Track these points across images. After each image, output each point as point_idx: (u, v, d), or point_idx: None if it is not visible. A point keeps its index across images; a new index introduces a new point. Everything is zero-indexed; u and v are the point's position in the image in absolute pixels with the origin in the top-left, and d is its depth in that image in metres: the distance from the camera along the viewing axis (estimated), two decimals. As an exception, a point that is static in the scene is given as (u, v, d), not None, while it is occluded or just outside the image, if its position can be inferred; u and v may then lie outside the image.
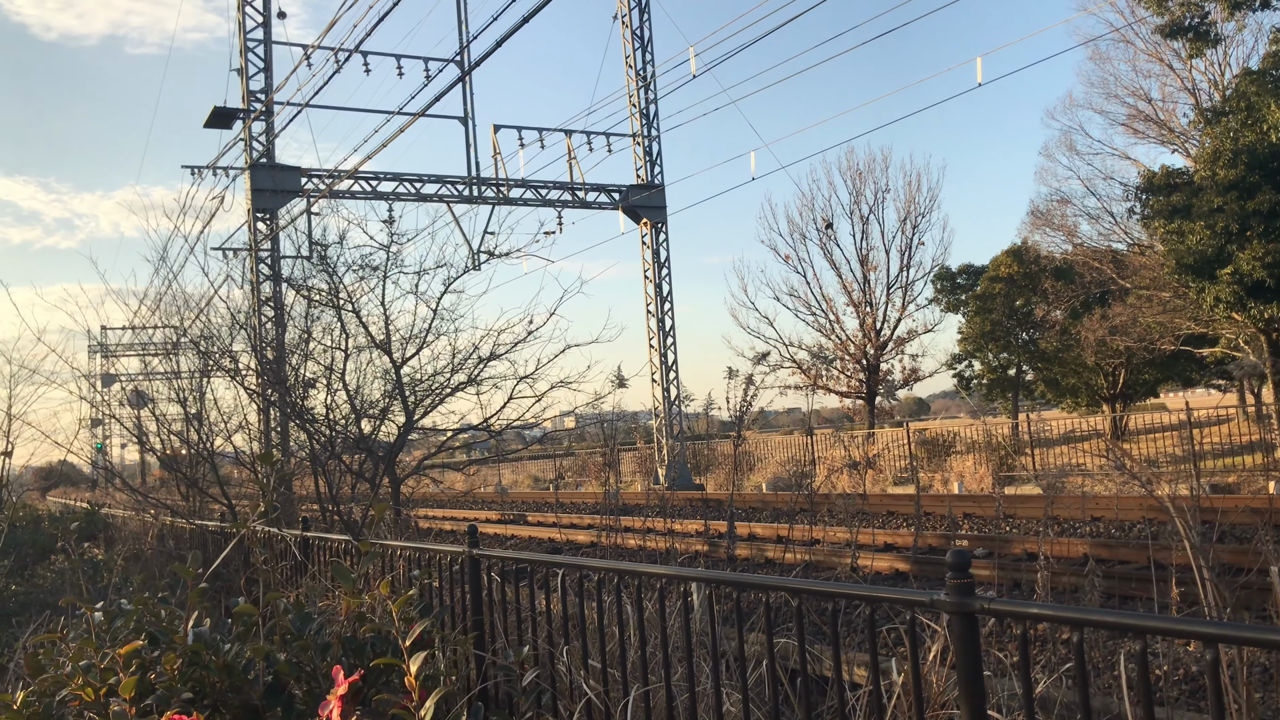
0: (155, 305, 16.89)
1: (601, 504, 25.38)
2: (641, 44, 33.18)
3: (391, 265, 11.95)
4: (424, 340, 11.99)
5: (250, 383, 12.92)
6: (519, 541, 20.05)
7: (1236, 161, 24.22)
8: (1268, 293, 24.11)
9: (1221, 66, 37.30)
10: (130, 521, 15.37)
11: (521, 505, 30.33)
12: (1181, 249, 25.22)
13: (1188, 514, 4.61)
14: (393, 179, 29.71)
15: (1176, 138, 38.33)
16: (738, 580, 4.00)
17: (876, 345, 38.44)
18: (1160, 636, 5.90)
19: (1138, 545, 11.78)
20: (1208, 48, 31.72)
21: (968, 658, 2.87)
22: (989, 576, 10.41)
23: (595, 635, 4.70)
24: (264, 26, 28.03)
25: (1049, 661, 7.16)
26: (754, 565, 13.57)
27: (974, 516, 17.85)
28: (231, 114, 27.69)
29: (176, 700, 2.31)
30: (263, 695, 2.35)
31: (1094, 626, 2.82)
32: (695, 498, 26.29)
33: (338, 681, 2.09)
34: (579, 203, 32.11)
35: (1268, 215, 23.62)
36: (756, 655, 5.22)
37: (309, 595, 4.69)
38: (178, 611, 2.68)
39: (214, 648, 2.40)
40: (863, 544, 14.11)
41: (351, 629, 2.73)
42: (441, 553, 5.72)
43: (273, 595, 2.66)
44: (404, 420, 11.57)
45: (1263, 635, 2.23)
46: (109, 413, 18.95)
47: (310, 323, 12.03)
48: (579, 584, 4.69)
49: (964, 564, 2.90)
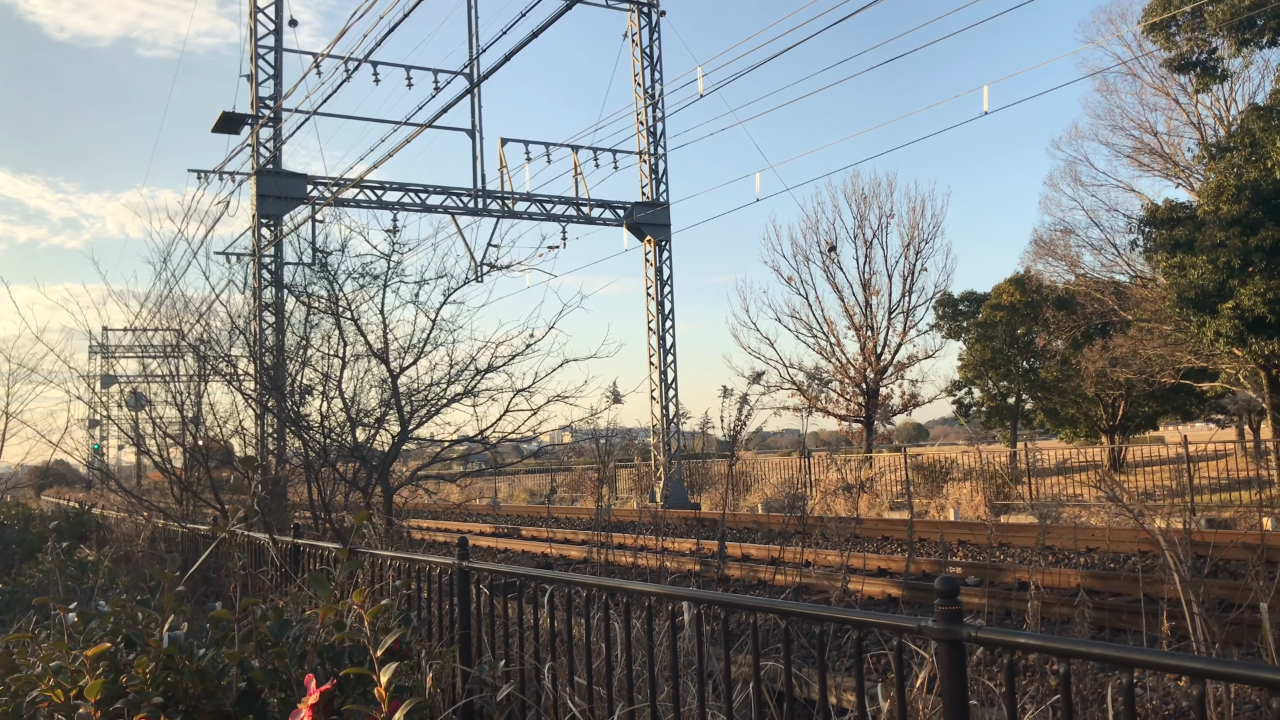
0: (156, 308, 16.91)
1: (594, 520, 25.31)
2: (650, 63, 33.31)
3: (392, 274, 11.97)
4: (422, 350, 11.99)
5: (248, 388, 12.91)
6: (511, 555, 19.99)
7: (1240, 197, 24.27)
8: (1268, 328, 24.11)
9: (1227, 102, 37.43)
10: (123, 523, 15.32)
11: (516, 519, 30.24)
12: (1183, 283, 25.24)
13: (1179, 548, 4.59)
14: (398, 189, 29.78)
15: (1181, 172, 38.43)
16: (725, 600, 3.97)
17: (876, 369, 38.44)
18: (1148, 670, 5.87)
19: (1130, 578, 11.72)
20: (1214, 83, 31.88)
21: (954, 685, 2.85)
22: (980, 604, 10.35)
23: (582, 652, 4.67)
24: (275, 34, 28.16)
25: (1037, 692, 7.11)
26: (746, 586, 13.51)
27: (968, 544, 17.80)
28: (240, 119, 27.77)
29: (146, 705, 2.28)
30: (235, 702, 2.33)
31: (1081, 658, 2.80)
32: (690, 516, 26.21)
33: (309, 690, 2.07)
34: (583, 218, 32.16)
35: (1270, 251, 23.65)
36: (744, 676, 5.19)
37: (294, 602, 4.66)
38: (155, 615, 2.66)
39: (188, 652, 2.37)
40: (856, 568, 14.06)
41: (330, 637, 2.71)
42: (432, 564, 5.70)
43: (250, 601, 2.63)
44: (399, 430, 11.55)
45: (1249, 672, 2.21)
46: (106, 414, 18.92)
47: (309, 329, 12.03)
48: (567, 600, 4.66)
49: (952, 591, 2.87)
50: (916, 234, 38.89)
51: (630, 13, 33.45)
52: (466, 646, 5.29)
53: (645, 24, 33.37)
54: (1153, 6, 28.78)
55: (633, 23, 33.49)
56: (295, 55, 35.41)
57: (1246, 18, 26.29)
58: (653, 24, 33.41)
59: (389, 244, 12.13)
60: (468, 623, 5.30)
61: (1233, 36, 27.51)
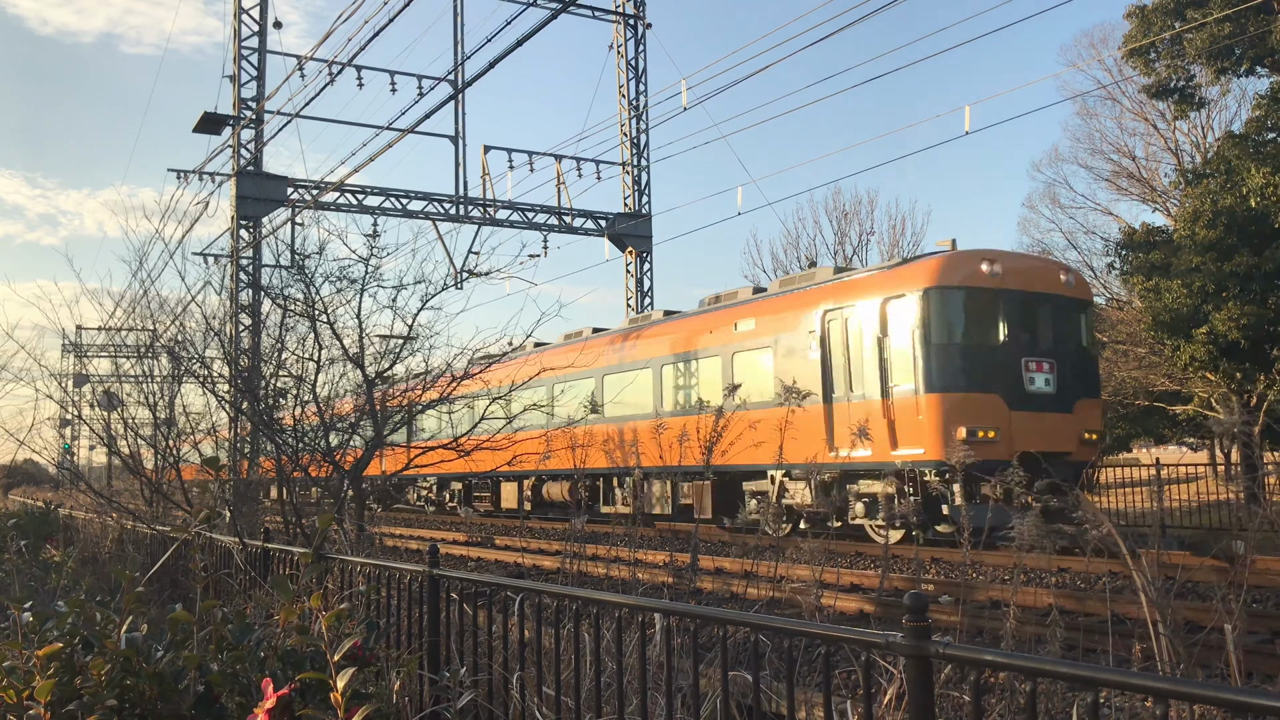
0: (131, 308, 16.77)
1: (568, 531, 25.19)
2: (635, 75, 33.40)
3: (370, 279, 11.91)
4: (398, 355, 11.93)
5: (222, 390, 12.81)
6: (484, 564, 19.89)
7: (1215, 223, 24.55)
8: (1241, 354, 24.37)
9: (1205, 129, 37.93)
10: (90, 524, 15.14)
11: (490, 528, 30.08)
12: (1158, 306, 25.48)
13: (1146, 568, 4.62)
14: (379, 193, 29.68)
15: (1158, 196, 38.86)
16: (695, 613, 3.96)
17: (854, 386, 38.58)
18: (1114, 690, 5.89)
19: (1102, 598, 11.78)
20: (1191, 110, 32.27)
21: (920, 702, 2.85)
22: (954, 622, 10.36)
23: (551, 662, 4.64)
24: (259, 35, 28.05)
25: (1006, 710, 7.12)
26: (719, 599, 13.48)
27: (942, 561, 17.85)
28: (221, 120, 27.62)
29: (100, 707, 2.24)
30: (192, 705, 2.29)
31: (1047, 676, 2.81)
32: (664, 529, 26.16)
33: (266, 694, 2.04)
34: (565, 228, 32.17)
35: (1244, 277, 23.92)
36: (715, 690, 5.17)
37: (260, 606, 4.62)
38: (113, 616, 2.61)
39: (145, 654, 2.33)
40: (830, 584, 14.06)
41: (290, 642, 2.68)
42: (402, 571, 5.65)
43: (210, 603, 2.60)
44: (373, 435, 11.48)
45: (1212, 693, 2.22)
46: (77, 414, 18.73)
47: (284, 333, 11.96)
48: (537, 610, 4.63)
49: (921, 607, 2.88)
50: (897, 252, 39.14)
51: (616, 24, 33.55)
52: (435, 655, 5.25)
53: (631, 36, 33.48)
54: (1133, 32, 29.12)
55: (618, 34, 33.58)
56: (279, 57, 35.27)
57: (1224, 46, 26.64)
58: (638, 36, 33.52)
59: (368, 248, 12.09)
60: (436, 630, 5.26)
61: (1211, 65, 27.87)
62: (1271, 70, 27.34)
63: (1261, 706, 2.09)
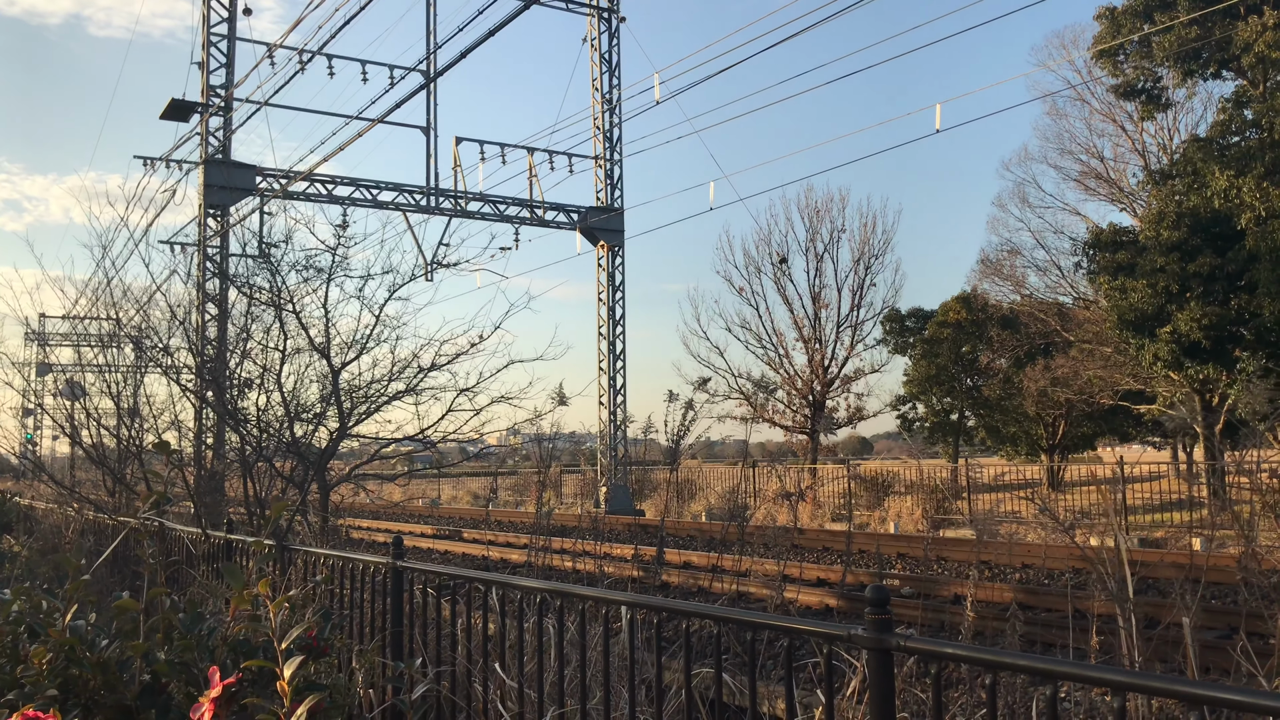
0: (95, 296, 16.49)
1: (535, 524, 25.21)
2: (609, 68, 33.31)
3: (338, 269, 11.80)
4: (364, 346, 11.83)
5: (186, 380, 12.65)
6: (451, 557, 19.80)
7: (1180, 224, 24.86)
8: (1203, 354, 24.70)
9: (1171, 131, 38.32)
10: (51, 514, 14.92)
11: (458, 521, 29.98)
12: (1124, 305, 25.78)
13: (1108, 565, 4.66)
14: (349, 183, 29.45)
15: (1125, 197, 39.25)
16: (659, 605, 3.95)
17: (824, 381, 38.72)
18: (1074, 683, 5.94)
19: (1062, 593, 11.90)
20: (1158, 111, 32.64)
21: (881, 694, 2.85)
22: (916, 616, 10.44)
23: (515, 655, 4.61)
24: (229, 21, 27.73)
25: (967, 704, 7.18)
26: (685, 593, 13.50)
27: (907, 556, 17.97)
28: (189, 107, 27.29)
29: (41, 696, 2.19)
30: (138, 695, 2.24)
31: (1007, 669, 2.81)
32: (633, 522, 26.19)
33: (213, 683, 2.00)
34: (537, 220, 32.05)
35: (1206, 278, 24.25)
36: (679, 683, 5.16)
37: (215, 596, 4.56)
38: (59, 605, 2.56)
39: (89, 643, 2.28)
40: (795, 578, 14.12)
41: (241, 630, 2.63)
42: (366, 563, 5.61)
43: (158, 591, 2.55)
44: (338, 426, 11.38)
45: (1168, 685, 2.23)
46: (39, 403, 18.43)
47: (250, 322, 11.82)
48: (501, 602, 4.60)
49: (883, 600, 2.88)
50: (867, 250, 39.29)
51: (590, 17, 33.45)
52: (398, 646, 5.21)
53: (605, 29, 33.38)
54: (1103, 33, 29.41)
55: (592, 27, 33.48)
56: (249, 44, 34.91)
57: (1192, 49, 26.96)
58: (612, 29, 33.43)
59: (335, 238, 11.97)
60: (399, 622, 5.22)
61: (1178, 67, 28.20)
62: (1237, 74, 27.71)
63: (1217, 699, 2.10)
